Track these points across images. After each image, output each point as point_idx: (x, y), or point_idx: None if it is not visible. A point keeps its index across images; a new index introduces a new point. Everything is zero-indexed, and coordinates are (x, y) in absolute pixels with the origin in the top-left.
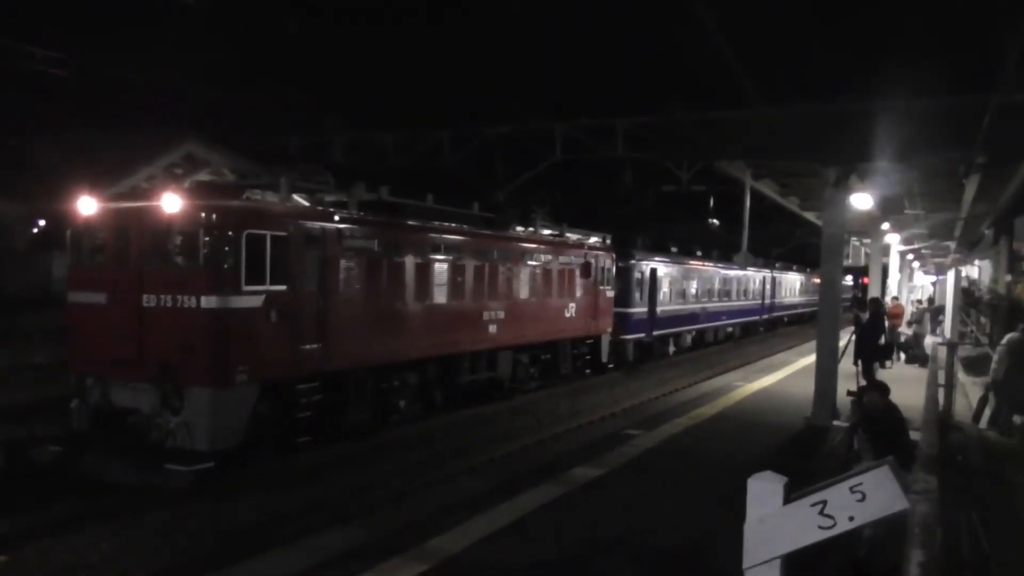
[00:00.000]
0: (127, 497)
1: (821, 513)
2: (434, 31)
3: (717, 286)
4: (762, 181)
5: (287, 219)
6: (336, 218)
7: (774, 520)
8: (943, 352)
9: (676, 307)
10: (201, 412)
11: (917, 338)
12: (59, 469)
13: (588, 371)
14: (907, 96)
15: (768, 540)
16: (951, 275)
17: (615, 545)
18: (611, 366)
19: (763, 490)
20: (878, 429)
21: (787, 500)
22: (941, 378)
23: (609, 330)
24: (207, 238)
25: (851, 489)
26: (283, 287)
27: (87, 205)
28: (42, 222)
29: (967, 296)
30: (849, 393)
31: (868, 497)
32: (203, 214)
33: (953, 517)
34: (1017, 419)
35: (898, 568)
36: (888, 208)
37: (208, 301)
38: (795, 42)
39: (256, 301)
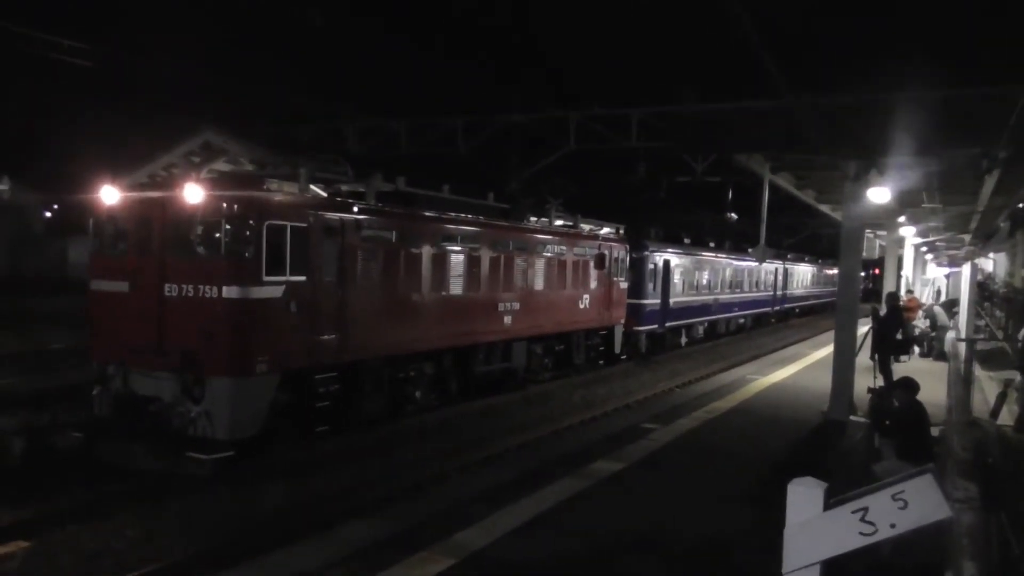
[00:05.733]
0: (149, 485)
1: (862, 520)
2: (447, 20)
3: (729, 277)
4: (779, 174)
5: (307, 210)
6: (354, 209)
7: (814, 526)
8: (961, 347)
9: (688, 298)
10: (222, 401)
11: (940, 330)
12: (82, 456)
13: (601, 362)
14: (931, 88)
15: (808, 546)
16: (967, 268)
17: (641, 542)
18: (624, 357)
19: (803, 495)
20: (902, 426)
21: (827, 506)
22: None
23: (622, 321)
24: (228, 228)
25: (893, 497)
26: (302, 278)
27: (110, 194)
28: (56, 206)
29: (982, 289)
30: (869, 390)
31: (910, 505)
32: (225, 205)
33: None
34: None
35: (927, 569)
36: (906, 201)
37: (229, 291)
38: (822, 31)
39: (276, 291)
